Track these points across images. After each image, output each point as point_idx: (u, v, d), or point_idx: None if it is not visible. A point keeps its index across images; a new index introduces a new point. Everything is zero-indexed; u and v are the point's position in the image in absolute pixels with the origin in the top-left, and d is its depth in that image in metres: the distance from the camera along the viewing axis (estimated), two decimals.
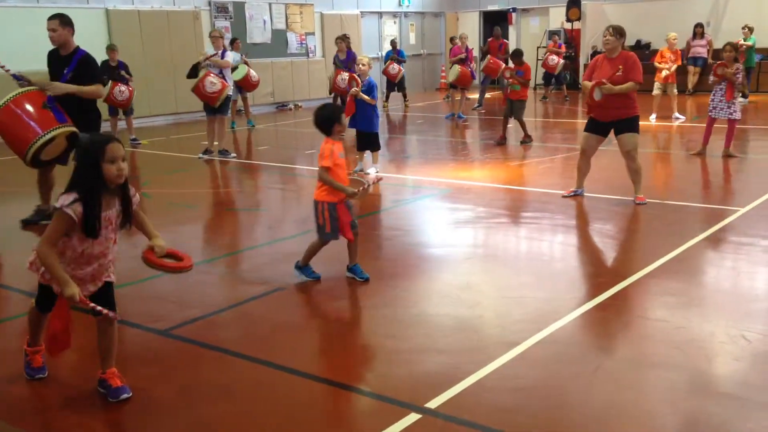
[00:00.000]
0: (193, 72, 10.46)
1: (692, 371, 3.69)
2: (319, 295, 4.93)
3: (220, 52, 10.48)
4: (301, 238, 6.00)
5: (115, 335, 3.56)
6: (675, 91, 13.56)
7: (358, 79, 8.98)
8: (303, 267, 5.16)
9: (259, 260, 5.88)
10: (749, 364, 3.77)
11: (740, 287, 5.02)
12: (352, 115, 9.03)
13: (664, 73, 13.15)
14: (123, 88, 11.42)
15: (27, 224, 6.87)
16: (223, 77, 10.33)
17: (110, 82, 11.31)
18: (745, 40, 15.99)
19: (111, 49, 12.02)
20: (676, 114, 13.50)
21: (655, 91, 13.39)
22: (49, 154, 6.11)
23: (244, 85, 13.62)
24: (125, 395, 3.48)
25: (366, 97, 8.85)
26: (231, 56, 10.67)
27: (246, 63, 13.91)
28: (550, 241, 6.33)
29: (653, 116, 13.39)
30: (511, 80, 11.67)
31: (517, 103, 11.49)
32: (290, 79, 18.24)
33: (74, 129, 6.03)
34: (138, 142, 12.35)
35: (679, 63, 13.43)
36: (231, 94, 10.68)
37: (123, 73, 11.86)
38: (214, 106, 10.28)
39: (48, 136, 5.93)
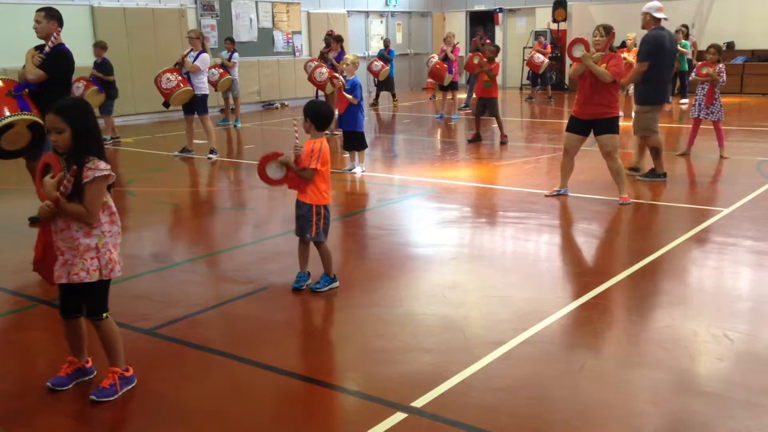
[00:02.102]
0: (166, 104, 10.45)
1: (676, 370, 3.72)
2: (305, 294, 4.92)
3: (195, 53, 10.41)
4: (287, 237, 5.98)
5: (108, 333, 3.53)
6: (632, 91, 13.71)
7: (342, 78, 8.98)
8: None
9: (244, 259, 5.86)
10: (732, 363, 3.80)
11: (723, 287, 5.06)
12: (340, 113, 9.10)
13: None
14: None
15: (34, 221, 6.74)
16: (188, 77, 10.24)
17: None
18: (679, 45, 15.99)
19: (95, 45, 11.98)
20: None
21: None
22: (11, 143, 6.00)
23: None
24: (105, 399, 3.45)
25: (349, 96, 8.85)
26: (207, 58, 10.57)
27: (226, 68, 13.90)
28: (535, 240, 6.35)
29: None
30: (479, 60, 11.90)
31: (489, 101, 11.59)
32: (277, 78, 18.20)
33: (35, 119, 5.92)
34: (115, 140, 12.22)
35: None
36: (205, 93, 10.51)
37: (95, 71, 11.72)
38: (169, 102, 10.21)
39: (4, 122, 5.84)
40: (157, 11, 15.46)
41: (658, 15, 8.16)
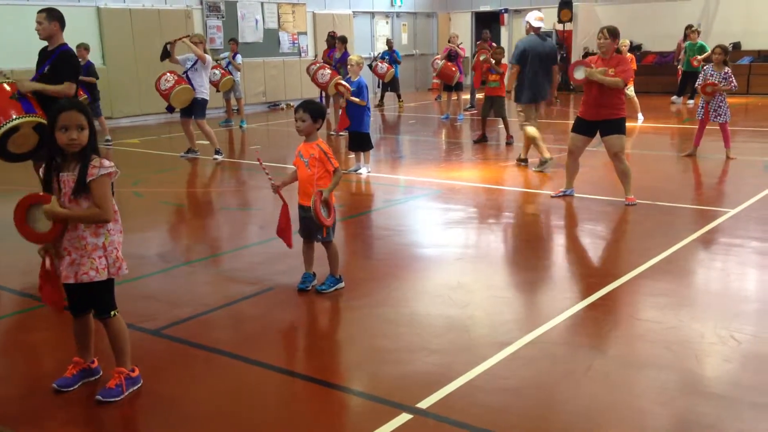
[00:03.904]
0: (165, 53, 10.41)
1: (682, 371, 3.71)
2: (310, 295, 4.92)
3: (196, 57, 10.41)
4: (293, 238, 5.97)
5: (117, 331, 3.54)
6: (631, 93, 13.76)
7: (347, 84, 8.90)
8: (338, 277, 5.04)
9: (250, 260, 5.86)
10: (739, 364, 3.79)
11: (730, 288, 5.04)
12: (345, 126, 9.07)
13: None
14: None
15: None
16: (188, 79, 10.23)
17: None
18: (693, 45, 15.84)
19: (78, 47, 11.90)
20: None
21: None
22: (19, 146, 6.00)
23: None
24: (111, 399, 3.45)
25: (356, 99, 8.82)
26: (209, 59, 10.56)
27: (229, 67, 13.92)
28: (541, 241, 6.34)
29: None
30: (485, 65, 11.87)
31: (497, 100, 11.56)
32: (282, 79, 18.23)
33: (40, 120, 5.92)
34: (110, 143, 12.16)
35: (635, 67, 13.62)
36: (205, 98, 10.45)
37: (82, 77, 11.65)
38: (170, 104, 10.20)
39: (10, 125, 5.85)
40: (163, 12, 15.49)
41: (535, 24, 9.15)
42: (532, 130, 9.17)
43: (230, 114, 14.79)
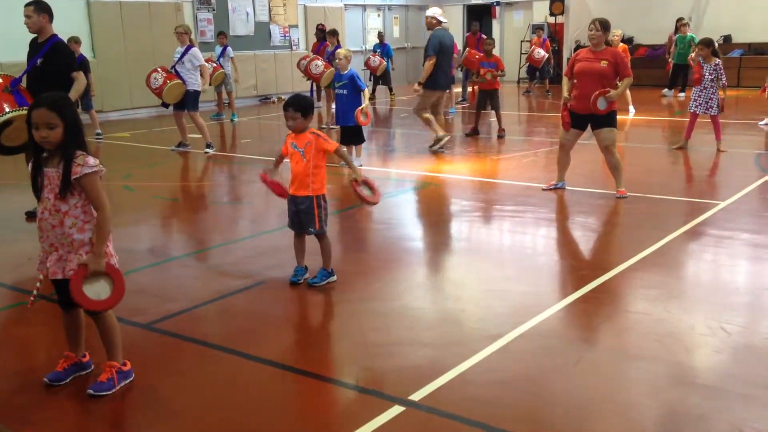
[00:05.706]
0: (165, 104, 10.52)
1: (673, 363, 3.73)
2: (302, 288, 4.92)
3: (183, 49, 10.35)
4: (284, 231, 5.97)
5: (107, 326, 3.52)
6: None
7: (364, 110, 8.66)
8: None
9: (241, 254, 5.85)
10: (729, 356, 3.81)
11: (720, 280, 5.06)
12: (337, 109, 9.01)
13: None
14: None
15: (31, 216, 6.70)
16: (176, 72, 10.18)
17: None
18: (684, 38, 15.85)
19: (69, 41, 11.83)
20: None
21: None
22: (11, 139, 5.98)
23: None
24: (103, 393, 3.44)
25: (366, 103, 8.65)
26: (197, 52, 10.48)
27: (220, 63, 13.86)
28: (532, 234, 6.35)
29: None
30: (486, 74, 11.76)
31: (492, 93, 11.58)
32: (273, 72, 18.16)
33: None
34: (100, 137, 12.11)
35: (629, 57, 13.62)
36: (197, 89, 10.39)
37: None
38: (164, 101, 10.16)
39: (3, 118, 5.83)
40: (153, 5, 15.40)
41: (442, 19, 10.06)
42: (428, 115, 10.11)
43: (221, 107, 14.74)
